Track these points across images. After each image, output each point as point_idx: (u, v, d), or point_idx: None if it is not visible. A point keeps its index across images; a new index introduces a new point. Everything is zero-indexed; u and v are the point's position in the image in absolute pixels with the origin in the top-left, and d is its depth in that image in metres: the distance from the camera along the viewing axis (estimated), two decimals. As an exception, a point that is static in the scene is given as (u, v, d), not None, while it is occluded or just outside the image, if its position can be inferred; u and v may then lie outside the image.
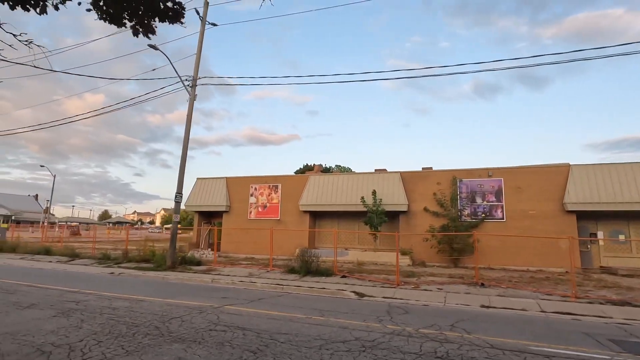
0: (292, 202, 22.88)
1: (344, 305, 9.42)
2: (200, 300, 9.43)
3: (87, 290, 10.17)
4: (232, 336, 5.95)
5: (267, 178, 23.92)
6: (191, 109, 17.71)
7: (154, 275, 14.66)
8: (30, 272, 14.50)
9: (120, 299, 9.10)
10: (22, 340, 5.42)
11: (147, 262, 18.25)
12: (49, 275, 13.74)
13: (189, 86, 17.63)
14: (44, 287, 10.63)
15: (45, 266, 17.23)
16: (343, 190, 21.84)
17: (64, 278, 13.08)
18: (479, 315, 8.58)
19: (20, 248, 23.46)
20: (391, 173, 21.26)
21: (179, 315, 7.32)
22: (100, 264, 18.37)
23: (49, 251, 22.01)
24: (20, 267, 16.47)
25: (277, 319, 7.41)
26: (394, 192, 20.47)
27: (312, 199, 22.08)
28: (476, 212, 19.26)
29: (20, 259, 20.04)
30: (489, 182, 19.34)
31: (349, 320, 7.48)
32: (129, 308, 7.91)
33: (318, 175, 23.17)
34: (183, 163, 17.43)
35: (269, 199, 23.37)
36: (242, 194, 24.12)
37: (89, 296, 9.28)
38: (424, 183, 20.60)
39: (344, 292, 11.75)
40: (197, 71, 17.83)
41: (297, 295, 10.99)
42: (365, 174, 22.28)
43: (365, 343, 5.79)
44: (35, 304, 7.97)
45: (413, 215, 20.41)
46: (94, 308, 7.80)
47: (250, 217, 23.69)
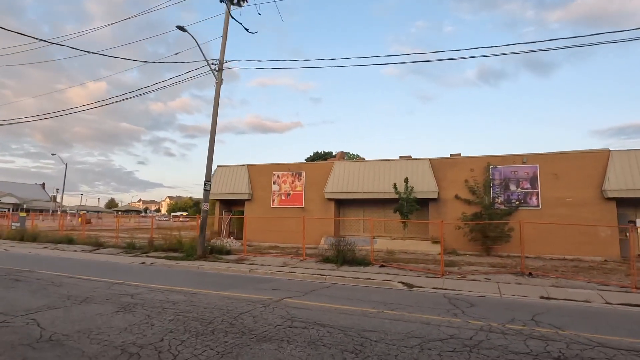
0: (317, 190, 22.43)
1: (402, 297, 9.02)
2: (252, 292, 9.05)
3: (133, 282, 9.81)
4: (317, 334, 5.54)
5: (290, 165, 23.42)
6: (218, 93, 17.13)
7: (188, 265, 14.32)
8: (62, 263, 14.20)
9: (171, 291, 8.72)
10: (99, 339, 5.02)
11: (175, 251, 17.96)
12: (83, 266, 13.42)
13: (216, 70, 17.03)
14: (86, 278, 10.28)
15: (73, 256, 16.95)
16: (369, 178, 21.33)
17: (99, 269, 12.75)
18: (549, 308, 8.14)
19: (41, 237, 23.24)
20: (420, 160, 20.71)
21: (247, 310, 6.92)
22: (127, 253, 18.08)
23: (72, 240, 21.75)
24: (49, 257, 16.19)
25: (349, 313, 7.00)
26: (424, 179, 19.95)
27: (337, 186, 21.61)
28: (510, 200, 18.73)
29: (44, 249, 19.80)
30: (524, 168, 18.76)
31: (425, 315, 7.07)
32: (189, 302, 7.52)
33: (343, 162, 22.63)
34: (211, 150, 16.95)
35: (293, 186, 22.92)
36: (264, 181, 23.67)
37: (138, 288, 8.91)
38: (453, 170, 20.05)
39: (391, 282, 11.36)
40: (223, 54, 17.18)
41: (345, 287, 10.60)
42: (392, 160, 21.73)
43: (464, 342, 5.36)
44: (89, 298, 7.60)
45: (443, 203, 19.92)
46: (153, 302, 7.42)
47: (273, 206, 23.29)
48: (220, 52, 17.15)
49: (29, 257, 15.82)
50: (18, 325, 5.58)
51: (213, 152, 16.93)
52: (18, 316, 6.07)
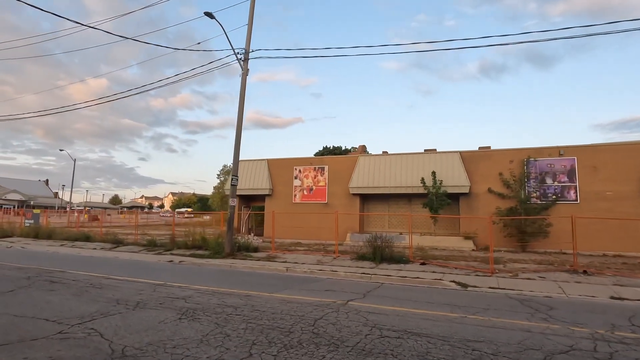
0: (340, 184, 21.75)
1: (467, 299, 8.39)
2: (307, 294, 8.41)
3: (175, 283, 9.16)
4: (420, 346, 4.87)
5: (313, 160, 22.73)
6: (244, 84, 16.41)
7: (219, 263, 13.69)
8: (89, 262, 13.59)
9: (222, 293, 8.07)
10: (179, 355, 4.37)
11: (199, 248, 17.36)
12: (112, 265, 12.79)
13: (242, 60, 16.30)
14: (123, 279, 9.65)
15: (94, 254, 16.34)
16: (395, 172, 20.64)
17: (130, 268, 12.12)
18: (635, 310, 7.47)
19: (56, 234, 22.65)
20: (449, 153, 19.99)
21: (319, 316, 6.27)
22: (149, 251, 17.46)
23: (89, 238, 21.14)
24: (72, 255, 15.57)
25: (431, 319, 6.35)
26: (454, 172, 19.24)
27: (363, 180, 20.92)
28: (546, 194, 18.03)
29: (61, 246, 19.19)
30: (560, 161, 18.03)
31: (512, 320, 6.41)
32: (250, 306, 6.87)
33: (367, 156, 21.92)
34: (238, 144, 16.26)
35: (315, 181, 22.23)
36: (285, 176, 22.99)
37: (186, 290, 8.26)
38: (485, 163, 19.33)
39: (442, 281, 10.70)
40: (249, 43, 16.44)
41: (397, 287, 9.95)
42: (419, 154, 21.02)
43: (594, 355, 4.70)
44: (141, 302, 6.95)
45: (475, 197, 19.23)
46: (211, 307, 6.77)
47: (295, 201, 22.62)
48: (246, 40, 16.42)
49: (51, 256, 15.21)
50: (80, 336, 4.93)
51: (239, 145, 16.24)
52: (74, 325, 5.42)
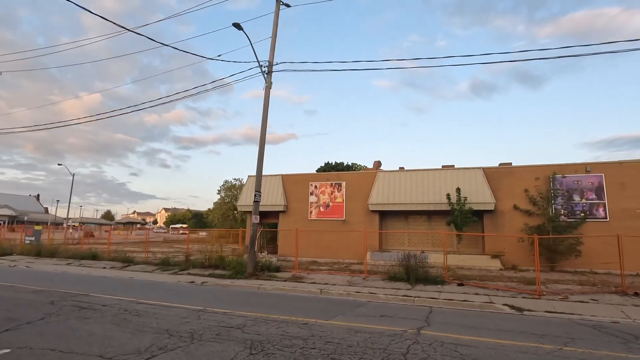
0: (359, 200, 21.15)
1: (537, 325, 7.79)
2: (367, 320, 7.71)
3: (216, 309, 8.39)
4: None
5: (329, 175, 22.17)
6: (267, 97, 15.95)
7: (245, 284, 12.90)
8: (107, 283, 12.72)
9: (274, 321, 7.33)
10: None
11: (216, 268, 16.55)
12: (133, 287, 11.95)
13: (265, 72, 15.87)
14: (157, 304, 8.84)
15: (107, 273, 15.42)
16: (415, 188, 20.13)
17: (154, 290, 11.29)
18: None
19: (60, 252, 21.61)
20: (472, 169, 19.57)
21: (405, 349, 5.58)
22: (163, 270, 16.59)
23: (96, 256, 20.16)
24: (84, 276, 14.65)
25: (529, 352, 5.70)
26: (477, 189, 18.79)
27: (382, 197, 20.36)
28: (574, 211, 17.60)
29: (68, 265, 18.21)
30: (587, 178, 17.69)
31: (616, 353, 5.79)
32: (319, 337, 6.15)
33: (387, 172, 21.42)
34: (261, 158, 15.68)
35: (332, 197, 21.61)
36: (300, 192, 22.35)
37: (234, 318, 7.50)
38: (509, 179, 18.92)
39: (494, 305, 10.06)
40: (272, 55, 16.04)
41: (449, 311, 9.28)
42: (440, 170, 20.58)
43: None
44: (195, 333, 6.20)
45: (500, 215, 18.73)
46: (276, 338, 6.04)
47: (311, 218, 21.93)
48: (269, 52, 16.01)
49: (62, 276, 14.29)
50: (152, 379, 4.20)
51: (263, 160, 15.67)
52: (137, 364, 4.69)
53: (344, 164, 57.76)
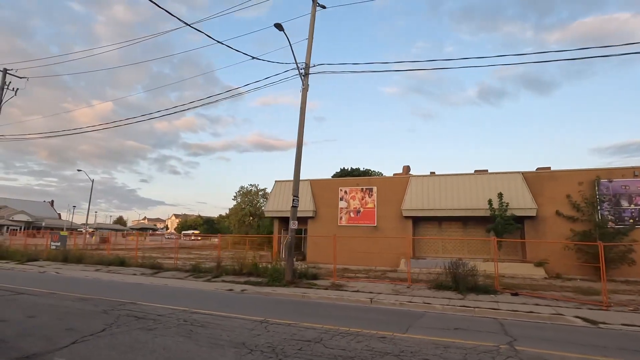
0: (390, 206, 20.58)
1: (626, 339, 7.15)
2: (445, 334, 7.16)
3: (277, 320, 7.89)
4: None
5: (360, 180, 21.66)
6: (304, 100, 15.58)
7: (288, 293, 12.39)
8: (143, 289, 12.34)
9: (351, 334, 6.81)
10: None
11: (250, 275, 16.09)
12: (175, 295, 11.52)
13: (302, 75, 15.51)
14: (212, 313, 8.36)
15: (140, 280, 15.04)
16: (451, 193, 19.52)
17: (197, 298, 10.84)
18: None
19: (86, 258, 21.38)
20: (511, 173, 18.92)
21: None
22: (196, 277, 16.15)
23: (124, 262, 19.86)
24: (118, 282, 14.29)
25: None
26: (518, 194, 18.11)
27: (416, 202, 19.77)
28: (622, 217, 16.83)
29: (97, 271, 17.88)
30: (636, 182, 16.93)
31: None
32: (411, 354, 5.62)
33: (420, 177, 20.85)
34: (298, 163, 15.26)
35: (363, 203, 21.08)
36: (329, 198, 21.85)
37: (304, 330, 6.99)
38: (551, 184, 18.22)
39: (564, 317, 9.41)
40: (309, 57, 15.69)
41: (521, 324, 8.66)
42: (476, 175, 19.95)
43: None
44: (277, 349, 5.70)
45: (541, 221, 18.01)
46: (365, 355, 5.53)
47: (341, 224, 21.40)
48: (306, 54, 15.67)
49: (97, 283, 13.94)
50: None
51: (300, 165, 15.24)
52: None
53: (360, 170, 57.24)
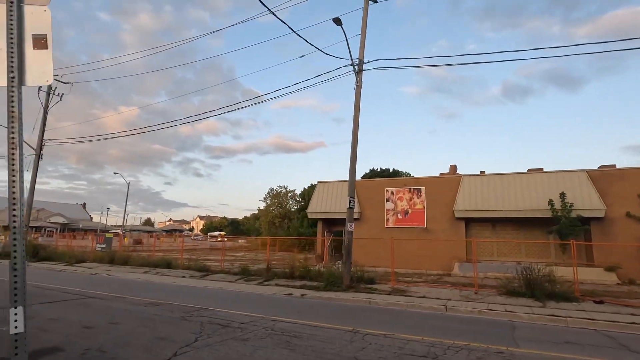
0: (441, 207, 19.76)
1: None
2: (559, 349, 6.43)
3: (366, 329, 7.34)
4: None
5: (407, 180, 20.94)
6: (359, 97, 15.02)
7: (351, 298, 11.82)
8: (199, 293, 12.08)
9: (457, 347, 6.20)
10: None
11: (302, 278, 15.65)
12: (236, 300, 11.17)
13: (356, 71, 14.97)
14: (295, 321, 7.90)
15: (191, 283, 14.82)
16: (507, 193, 18.53)
17: (260, 303, 10.44)
18: None
19: (133, 260, 21.48)
20: (574, 172, 17.80)
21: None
22: (246, 280, 15.83)
23: (170, 264, 19.80)
24: (172, 285, 14.12)
25: None
26: (583, 194, 16.98)
27: (470, 203, 18.89)
28: None
29: (145, 273, 17.84)
30: None
31: None
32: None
33: (473, 176, 19.94)
34: (353, 162, 14.73)
35: (411, 204, 20.33)
36: (375, 199, 21.21)
37: (409, 344, 6.41)
38: (619, 184, 17.02)
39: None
40: (362, 53, 15.12)
41: (627, 336, 7.80)
42: (534, 174, 18.90)
43: None
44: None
45: (610, 222, 16.82)
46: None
47: (388, 226, 20.71)
48: (359, 50, 15.11)
49: (152, 286, 13.79)
50: None
51: (355, 164, 14.71)
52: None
53: (390, 170, 56.25)
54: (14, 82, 2.11)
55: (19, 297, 2.22)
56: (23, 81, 2.14)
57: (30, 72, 2.19)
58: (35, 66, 2.18)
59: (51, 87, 25.30)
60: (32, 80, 2.18)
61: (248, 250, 49.98)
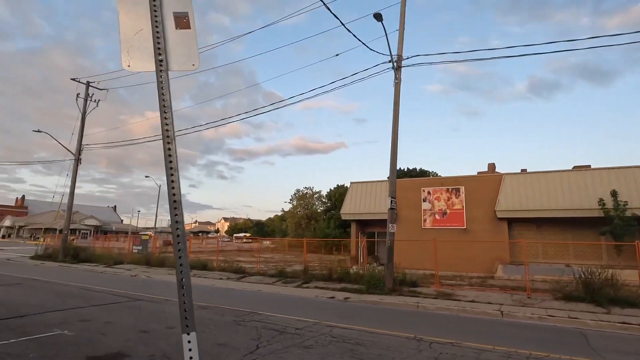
0: (481, 207, 19.02)
1: None
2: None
3: (429, 337, 6.94)
4: None
5: (444, 180, 20.29)
6: (398, 95, 14.59)
7: (398, 302, 11.41)
8: (239, 296, 11.93)
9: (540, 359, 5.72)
10: None
11: (342, 281, 15.33)
12: (280, 303, 10.95)
13: (393, 68, 14.56)
14: (351, 327, 7.58)
15: (232, 286, 14.75)
16: (552, 192, 17.63)
17: (303, 307, 10.17)
18: None
19: (168, 262, 21.71)
20: (628, 169, 16.75)
21: None
22: (285, 283, 15.63)
23: (206, 266, 19.90)
24: (209, 287, 14.12)
25: None
26: (638, 192, 15.92)
27: (513, 203, 18.09)
28: None
29: (182, 275, 17.95)
30: None
31: None
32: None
33: (515, 175, 19.12)
34: (394, 162, 14.31)
35: (449, 204, 19.68)
36: (411, 199, 20.65)
37: (483, 354, 5.98)
38: (679, 180, 15.86)
39: None
40: (401, 48, 14.68)
41: None
42: (580, 170, 17.92)
43: None
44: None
45: (669, 222, 15.70)
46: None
47: (425, 227, 20.12)
48: (397, 46, 14.68)
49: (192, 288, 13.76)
50: None
51: (396, 164, 14.29)
52: None
53: (417, 170, 55.22)
54: (162, 66, 1.84)
55: (189, 320, 1.94)
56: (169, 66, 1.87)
57: (175, 55, 1.89)
58: (179, 49, 1.89)
59: (88, 94, 26.04)
60: (177, 64, 1.89)
61: (275, 251, 50.19)
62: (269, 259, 30.41)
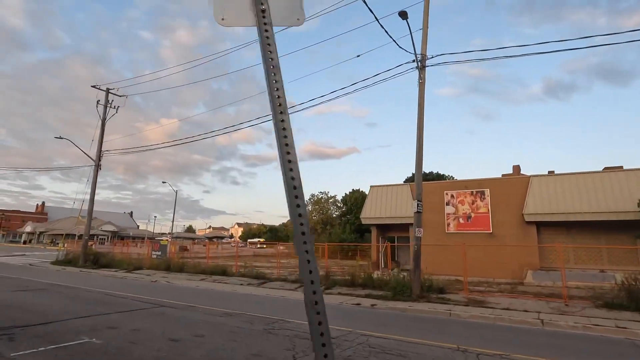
0: (507, 210, 18.38)
1: None
2: None
3: (475, 348, 6.51)
4: None
5: (468, 183, 19.71)
6: (422, 95, 14.18)
7: (428, 309, 10.94)
8: (261, 302, 11.59)
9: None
10: None
11: (365, 287, 14.92)
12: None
13: (418, 68, 14.18)
14: (389, 337, 7.20)
15: (254, 291, 14.46)
16: (583, 194, 16.91)
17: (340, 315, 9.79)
18: None
19: (188, 267, 21.59)
20: (665, 168, 15.95)
21: None
22: (306, 289, 15.29)
23: (225, 272, 19.68)
24: (230, 293, 13.90)
25: None
26: (677, 193, 15.13)
27: (542, 206, 17.41)
28: None
29: (202, 281, 17.74)
30: None
31: None
32: None
33: (543, 177, 18.45)
34: (419, 165, 13.87)
35: (473, 208, 19.08)
36: (434, 202, 20.11)
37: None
38: None
39: None
40: (425, 48, 14.30)
41: None
42: (612, 172, 17.17)
43: None
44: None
45: None
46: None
47: (449, 231, 19.55)
48: (421, 45, 14.30)
49: (214, 294, 13.57)
50: None
51: (422, 166, 13.85)
52: None
53: (434, 173, 54.36)
54: (265, 18, 1.49)
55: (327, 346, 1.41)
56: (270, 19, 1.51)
57: (276, 6, 1.54)
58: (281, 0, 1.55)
59: (108, 100, 26.32)
60: (280, 18, 1.54)
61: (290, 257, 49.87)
62: (285, 265, 30.08)
